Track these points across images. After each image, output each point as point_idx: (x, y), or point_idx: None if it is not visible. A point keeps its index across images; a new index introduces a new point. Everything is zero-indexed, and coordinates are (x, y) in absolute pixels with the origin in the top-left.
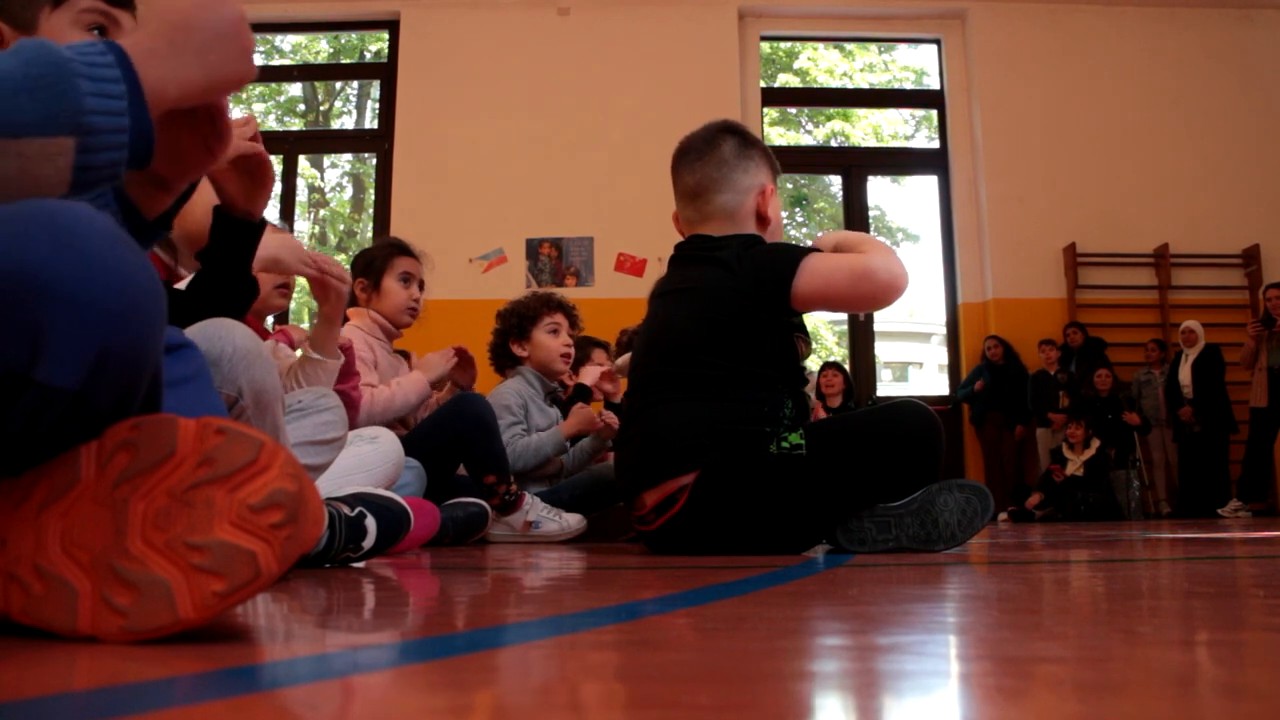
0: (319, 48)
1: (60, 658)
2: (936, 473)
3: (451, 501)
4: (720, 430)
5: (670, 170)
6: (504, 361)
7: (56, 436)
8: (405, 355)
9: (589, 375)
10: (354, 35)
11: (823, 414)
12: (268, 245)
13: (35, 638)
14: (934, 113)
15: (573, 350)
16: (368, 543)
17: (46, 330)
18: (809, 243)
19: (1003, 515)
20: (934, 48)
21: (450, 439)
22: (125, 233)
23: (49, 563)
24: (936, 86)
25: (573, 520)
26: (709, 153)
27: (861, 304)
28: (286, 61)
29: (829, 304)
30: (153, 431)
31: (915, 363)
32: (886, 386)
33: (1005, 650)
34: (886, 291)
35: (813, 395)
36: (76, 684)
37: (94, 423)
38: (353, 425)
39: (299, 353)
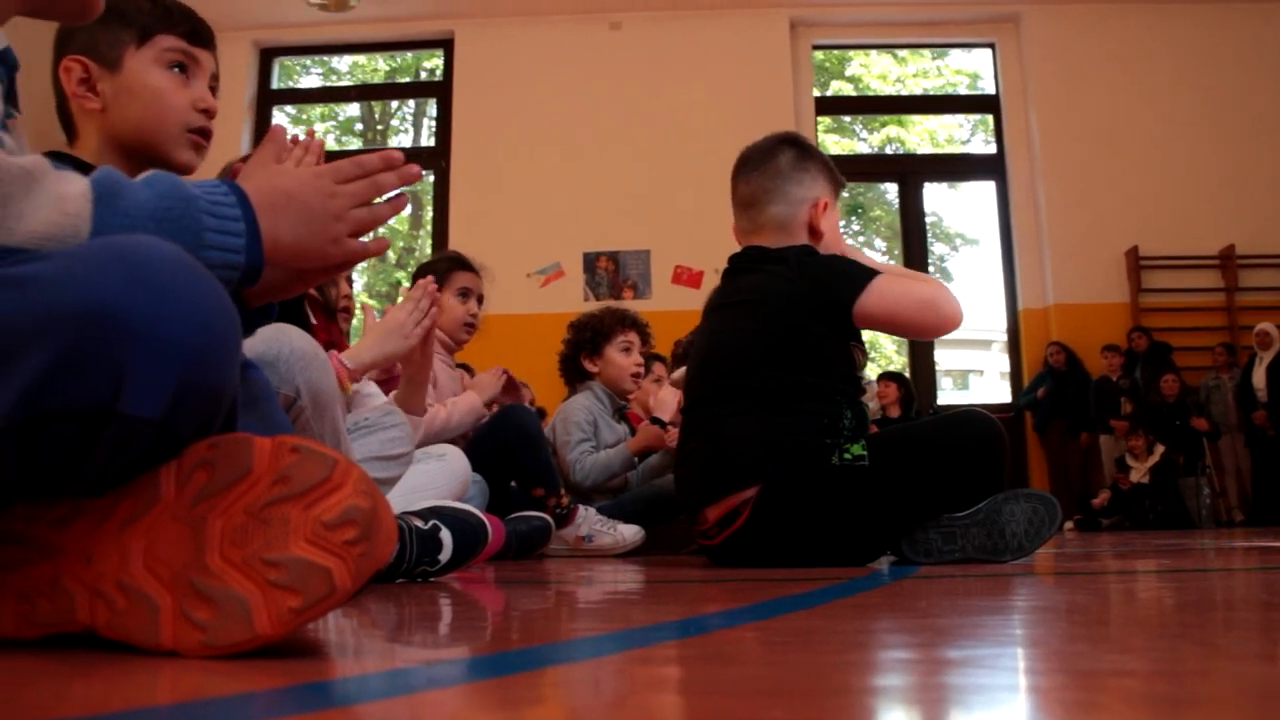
0: (375, 67)
1: (144, 672)
2: (1001, 482)
3: (515, 515)
4: (781, 443)
5: (730, 180)
6: (574, 375)
7: (141, 463)
8: (466, 369)
9: (666, 409)
10: (410, 55)
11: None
12: (366, 350)
13: (120, 651)
14: (990, 117)
15: (643, 369)
16: (444, 556)
17: (127, 364)
18: (868, 254)
19: (1069, 524)
20: (988, 52)
21: (492, 449)
22: (194, 259)
23: (132, 579)
24: (991, 91)
25: (629, 532)
26: (765, 163)
27: (921, 332)
28: (344, 82)
29: (889, 327)
30: (230, 450)
31: (976, 370)
32: (947, 395)
33: (1078, 663)
34: (945, 324)
35: (872, 405)
36: (160, 698)
37: (177, 447)
38: None
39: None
